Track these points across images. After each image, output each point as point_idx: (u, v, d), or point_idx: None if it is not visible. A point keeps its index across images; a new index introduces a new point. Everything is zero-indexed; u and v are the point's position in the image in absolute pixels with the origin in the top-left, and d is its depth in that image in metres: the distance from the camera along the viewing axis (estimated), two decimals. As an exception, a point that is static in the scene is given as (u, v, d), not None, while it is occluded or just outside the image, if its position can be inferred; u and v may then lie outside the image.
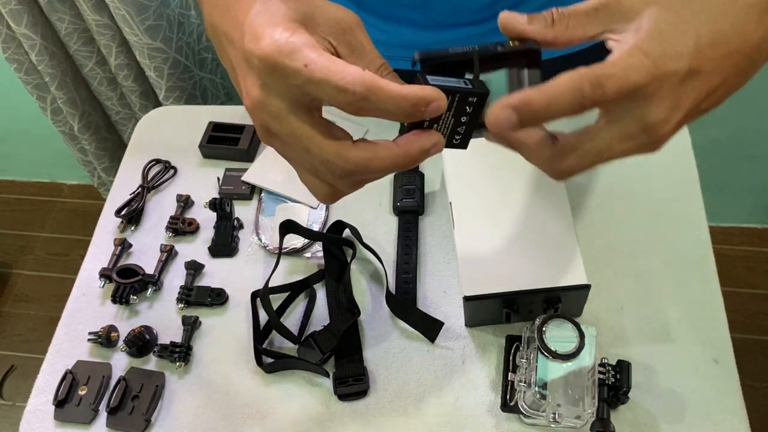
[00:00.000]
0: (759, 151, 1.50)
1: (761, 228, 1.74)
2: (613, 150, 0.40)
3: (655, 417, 0.64)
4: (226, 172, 0.87)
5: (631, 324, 0.70)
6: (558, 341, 0.58)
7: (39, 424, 0.71)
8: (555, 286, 0.64)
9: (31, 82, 1.41)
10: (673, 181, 0.79)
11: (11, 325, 1.82)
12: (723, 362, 0.67)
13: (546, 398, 0.57)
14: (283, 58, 0.36)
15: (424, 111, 0.37)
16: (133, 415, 0.69)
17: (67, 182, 2.06)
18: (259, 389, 0.70)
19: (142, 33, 1.21)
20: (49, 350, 0.76)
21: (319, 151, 0.39)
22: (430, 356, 0.70)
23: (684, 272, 0.73)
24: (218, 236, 0.81)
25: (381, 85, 0.36)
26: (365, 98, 0.36)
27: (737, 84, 0.40)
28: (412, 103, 0.37)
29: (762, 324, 1.61)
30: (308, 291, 0.76)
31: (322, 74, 0.36)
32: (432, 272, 0.76)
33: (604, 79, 0.37)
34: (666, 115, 0.38)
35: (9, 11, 1.22)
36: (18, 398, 1.70)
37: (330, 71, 0.35)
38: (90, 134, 1.52)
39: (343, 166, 0.39)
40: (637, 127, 0.39)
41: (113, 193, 0.88)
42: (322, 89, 0.36)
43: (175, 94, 1.35)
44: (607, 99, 0.37)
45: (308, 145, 0.39)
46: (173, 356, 0.72)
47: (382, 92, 0.36)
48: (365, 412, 0.68)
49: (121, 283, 0.77)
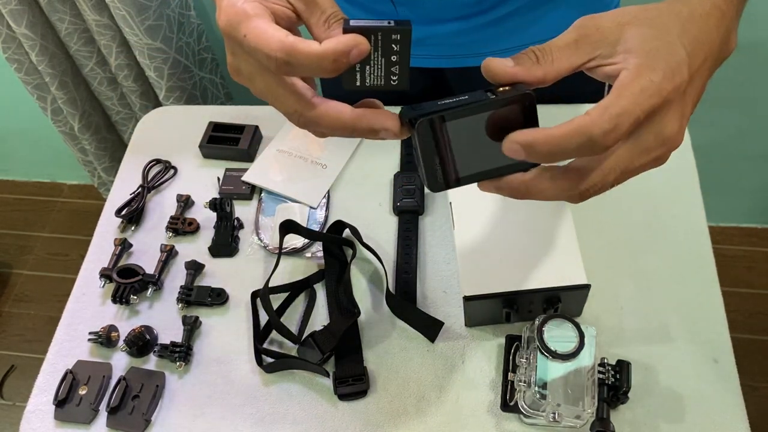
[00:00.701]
0: (759, 151, 1.50)
1: (761, 228, 1.74)
2: (634, 165, 0.41)
3: (655, 417, 0.64)
4: (226, 172, 0.87)
5: (631, 324, 0.70)
6: (558, 341, 0.58)
7: (39, 424, 0.71)
8: (555, 286, 0.64)
9: (31, 82, 1.42)
10: (673, 181, 0.79)
11: (11, 325, 1.82)
12: (723, 362, 0.67)
13: (546, 398, 0.58)
14: (231, 30, 0.40)
15: (346, 61, 0.39)
16: (133, 415, 0.69)
17: (67, 182, 2.06)
18: (259, 389, 0.70)
19: (142, 33, 1.21)
20: (50, 350, 0.76)
21: (284, 106, 0.43)
22: (430, 356, 0.70)
23: (684, 272, 0.73)
24: (218, 236, 0.81)
25: (300, 48, 0.38)
26: (287, 62, 0.38)
27: (705, 84, 0.43)
28: (332, 59, 0.38)
29: (762, 324, 1.61)
30: (308, 291, 0.76)
31: (254, 43, 0.39)
32: (432, 272, 0.76)
33: (618, 120, 0.38)
34: (679, 124, 0.40)
35: (9, 11, 1.22)
36: (18, 398, 1.70)
37: (259, 40, 0.38)
38: (90, 134, 1.52)
39: (304, 120, 0.43)
40: (655, 141, 0.40)
41: (113, 193, 0.88)
42: (258, 57, 0.40)
43: (175, 94, 1.35)
44: (624, 135, 0.38)
45: (275, 101, 0.43)
46: (173, 356, 0.72)
47: (302, 54, 0.38)
48: (365, 412, 0.68)
49: (121, 283, 0.77)
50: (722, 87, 1.33)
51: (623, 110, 0.38)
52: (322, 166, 0.86)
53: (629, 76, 0.39)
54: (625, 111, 0.38)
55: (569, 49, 0.42)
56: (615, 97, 0.38)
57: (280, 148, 0.88)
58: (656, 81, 0.38)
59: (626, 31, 0.41)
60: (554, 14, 0.78)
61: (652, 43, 0.40)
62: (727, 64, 0.51)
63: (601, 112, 0.38)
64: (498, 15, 0.76)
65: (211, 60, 1.41)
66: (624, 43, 0.40)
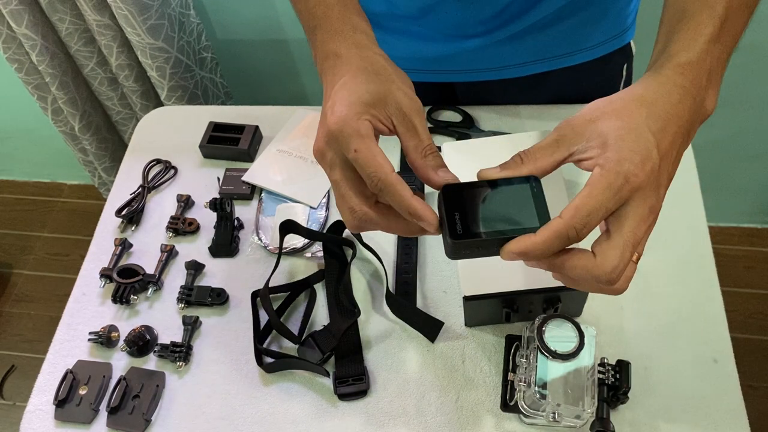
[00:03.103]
0: (759, 151, 1.50)
1: (761, 228, 1.74)
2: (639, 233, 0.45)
3: (655, 417, 0.64)
4: (226, 172, 0.87)
5: (631, 324, 0.70)
6: (558, 341, 0.58)
7: (39, 424, 0.71)
8: (555, 286, 0.64)
9: (31, 83, 1.42)
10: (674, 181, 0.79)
11: (11, 325, 1.82)
12: (722, 362, 0.67)
13: (546, 398, 0.58)
14: (340, 137, 0.48)
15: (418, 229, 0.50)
16: (133, 415, 0.69)
17: (67, 182, 2.06)
18: (259, 389, 0.70)
19: (144, 33, 1.21)
20: (50, 350, 0.76)
21: (347, 201, 0.50)
22: (430, 356, 0.70)
23: (684, 272, 0.73)
24: (218, 236, 0.81)
25: (396, 189, 0.47)
26: (381, 191, 0.48)
27: (685, 148, 0.49)
28: (410, 212, 0.48)
29: (761, 324, 1.61)
30: (308, 291, 0.76)
31: (362, 161, 0.48)
32: (432, 272, 0.76)
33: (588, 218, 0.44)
34: (658, 197, 0.46)
35: (10, 11, 1.22)
36: (18, 398, 1.70)
37: (367, 162, 0.47)
38: (90, 134, 1.52)
39: (359, 218, 0.50)
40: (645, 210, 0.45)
41: (114, 193, 0.88)
42: (359, 168, 0.48)
43: (177, 93, 1.35)
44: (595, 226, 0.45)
45: (342, 193, 0.50)
46: (173, 356, 0.72)
47: (396, 195, 0.47)
48: (365, 412, 0.68)
49: (121, 283, 0.77)
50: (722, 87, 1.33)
51: (592, 209, 0.44)
52: (322, 166, 0.86)
53: (598, 174, 0.45)
54: (594, 210, 0.44)
55: (550, 148, 0.48)
56: (586, 196, 0.44)
57: (280, 148, 0.88)
58: (624, 171, 0.44)
59: (597, 126, 0.46)
60: (570, 29, 0.78)
61: (620, 133, 0.45)
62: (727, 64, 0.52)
63: (573, 214, 0.44)
64: (515, 30, 0.77)
65: (210, 59, 1.41)
66: (597, 138, 0.46)
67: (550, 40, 0.79)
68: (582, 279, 0.46)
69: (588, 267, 0.45)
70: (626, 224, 0.45)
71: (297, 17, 0.60)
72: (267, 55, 1.43)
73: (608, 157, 0.45)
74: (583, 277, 0.46)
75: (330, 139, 0.49)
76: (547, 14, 0.75)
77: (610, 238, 0.45)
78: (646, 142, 0.45)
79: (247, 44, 1.41)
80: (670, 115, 0.47)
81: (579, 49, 0.80)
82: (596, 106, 0.48)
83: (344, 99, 0.49)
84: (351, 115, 0.48)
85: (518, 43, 0.79)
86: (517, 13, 0.75)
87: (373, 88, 0.50)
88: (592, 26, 0.78)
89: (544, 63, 0.81)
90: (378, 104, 0.50)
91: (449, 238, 0.47)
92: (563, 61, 0.81)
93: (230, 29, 1.39)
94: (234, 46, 1.43)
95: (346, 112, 0.48)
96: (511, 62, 0.81)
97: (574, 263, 0.46)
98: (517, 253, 0.46)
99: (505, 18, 0.75)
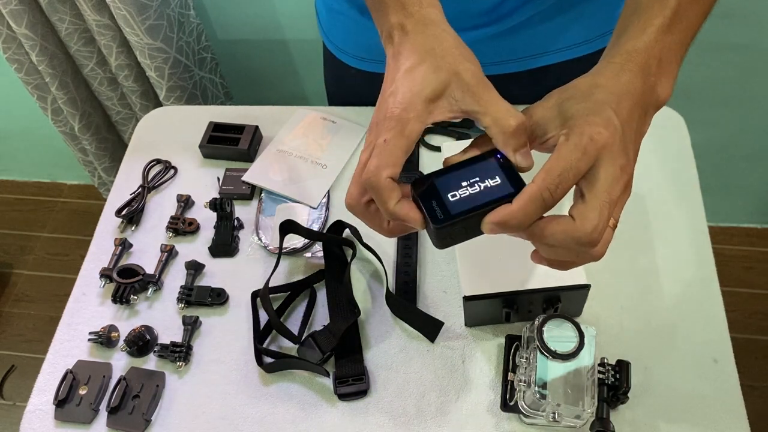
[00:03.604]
0: (759, 151, 1.50)
1: (760, 228, 1.74)
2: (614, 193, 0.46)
3: (655, 417, 0.64)
4: (226, 172, 0.87)
5: (631, 324, 0.70)
6: (558, 341, 0.58)
7: (39, 424, 0.71)
8: (555, 286, 0.64)
9: (31, 83, 1.42)
10: (673, 181, 0.79)
11: (11, 325, 1.82)
12: (722, 362, 0.67)
13: (546, 398, 0.58)
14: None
15: (400, 229, 0.52)
16: (133, 415, 0.69)
17: (67, 182, 2.06)
18: (259, 389, 0.70)
19: (143, 33, 1.21)
20: (50, 350, 0.76)
21: (382, 203, 0.50)
22: (430, 356, 0.70)
23: (684, 272, 0.73)
24: (218, 236, 0.81)
25: (382, 195, 0.48)
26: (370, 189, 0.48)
27: (645, 128, 0.51)
28: (395, 217, 0.49)
29: (761, 324, 1.61)
30: (308, 291, 0.76)
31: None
32: (432, 272, 0.76)
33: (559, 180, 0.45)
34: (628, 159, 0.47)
35: (9, 11, 1.22)
36: (18, 398, 1.70)
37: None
38: (90, 134, 1.52)
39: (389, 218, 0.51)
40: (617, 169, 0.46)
41: (113, 193, 0.88)
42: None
43: (175, 93, 1.35)
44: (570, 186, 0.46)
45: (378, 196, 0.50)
46: (173, 356, 0.72)
47: (379, 198, 0.48)
48: (365, 412, 0.68)
49: (121, 283, 0.77)
50: (722, 87, 1.33)
51: (563, 169, 0.45)
52: (322, 166, 0.86)
53: (564, 139, 0.47)
54: (564, 170, 0.45)
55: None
56: (555, 158, 0.46)
57: (280, 148, 0.88)
58: (587, 132, 0.45)
59: (556, 109, 0.48)
60: (566, 24, 0.78)
61: (578, 108, 0.47)
62: (727, 64, 0.52)
63: (545, 176, 0.45)
64: (511, 25, 0.77)
65: (210, 59, 1.41)
66: (557, 119, 0.48)
67: (548, 34, 0.78)
68: (563, 245, 0.47)
69: (568, 230, 0.46)
70: (599, 184, 0.46)
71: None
72: (267, 55, 1.43)
73: (571, 125, 0.47)
74: (564, 243, 0.46)
75: (378, 122, 0.49)
76: (545, 7, 0.75)
77: (586, 200, 0.46)
78: (604, 111, 0.47)
79: (247, 44, 1.41)
80: (622, 92, 0.48)
81: (578, 42, 0.80)
82: (551, 94, 0.50)
83: (405, 92, 0.48)
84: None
85: (516, 37, 0.78)
86: (514, 7, 0.75)
87: (435, 79, 0.49)
88: (590, 18, 0.78)
89: (543, 57, 0.81)
90: (440, 97, 0.49)
91: (432, 225, 0.48)
92: (562, 55, 0.81)
93: (230, 29, 1.39)
94: (234, 46, 1.43)
95: (399, 112, 0.48)
96: (509, 57, 0.81)
97: (554, 228, 0.46)
98: (496, 223, 0.46)
99: (502, 11, 0.75)
